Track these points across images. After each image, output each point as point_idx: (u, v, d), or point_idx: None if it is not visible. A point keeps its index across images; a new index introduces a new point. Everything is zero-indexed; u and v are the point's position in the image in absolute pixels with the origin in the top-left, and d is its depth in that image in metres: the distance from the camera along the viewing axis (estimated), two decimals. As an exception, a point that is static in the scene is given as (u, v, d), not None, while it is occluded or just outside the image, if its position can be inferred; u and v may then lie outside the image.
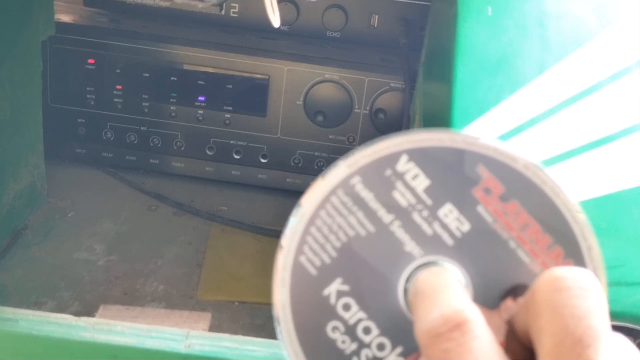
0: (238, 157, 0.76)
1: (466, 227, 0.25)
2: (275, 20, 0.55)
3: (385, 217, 0.25)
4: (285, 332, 0.25)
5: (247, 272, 0.65)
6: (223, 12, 0.78)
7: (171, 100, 0.74)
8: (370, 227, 0.25)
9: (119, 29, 0.74)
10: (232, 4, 0.78)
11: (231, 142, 0.75)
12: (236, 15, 0.78)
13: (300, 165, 0.76)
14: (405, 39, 0.74)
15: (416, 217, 0.25)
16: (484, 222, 0.25)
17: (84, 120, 0.75)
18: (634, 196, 0.43)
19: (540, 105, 0.45)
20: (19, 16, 0.62)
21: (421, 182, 0.25)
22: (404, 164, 0.25)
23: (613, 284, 0.41)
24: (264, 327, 0.58)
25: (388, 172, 0.25)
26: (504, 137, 0.45)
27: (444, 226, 0.25)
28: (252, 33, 0.77)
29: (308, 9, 0.77)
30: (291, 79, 0.72)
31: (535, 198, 0.25)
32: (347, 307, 0.25)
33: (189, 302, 0.60)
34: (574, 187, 0.43)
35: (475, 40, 0.47)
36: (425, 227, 0.25)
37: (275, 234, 0.70)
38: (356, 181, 0.25)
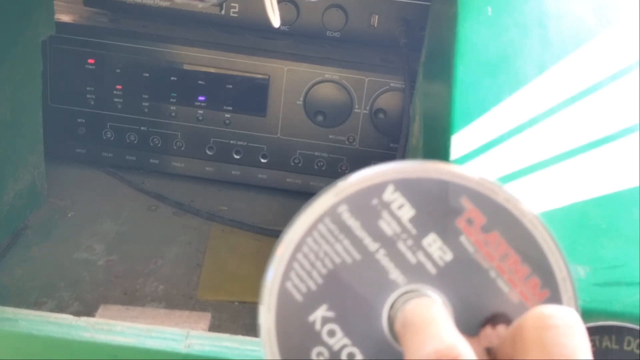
0: (238, 157, 0.76)
1: (449, 256, 0.25)
2: (275, 20, 0.55)
3: (371, 245, 0.25)
4: (270, 357, 0.25)
5: (247, 272, 0.65)
6: (223, 12, 0.78)
7: (171, 100, 0.74)
8: (356, 255, 0.25)
9: (119, 29, 0.74)
10: (232, 4, 0.78)
11: (231, 142, 0.75)
12: (236, 15, 0.78)
13: (300, 165, 0.76)
14: (405, 39, 0.74)
15: (401, 246, 0.25)
16: (466, 252, 0.25)
17: (84, 120, 0.75)
18: (634, 196, 0.43)
19: (540, 105, 0.45)
20: (19, 16, 0.62)
21: (406, 212, 0.25)
22: (390, 194, 0.25)
23: (613, 284, 0.41)
24: (264, 327, 0.58)
25: (374, 201, 0.25)
26: (504, 137, 0.45)
27: (428, 255, 0.25)
28: (252, 33, 0.77)
29: (308, 9, 0.77)
30: (291, 79, 0.72)
31: (515, 230, 0.25)
32: (332, 334, 0.25)
33: (189, 302, 0.60)
34: (574, 187, 0.43)
35: (475, 40, 0.47)
36: (409, 256, 0.25)
37: (275, 234, 0.70)
38: (343, 209, 0.25)
